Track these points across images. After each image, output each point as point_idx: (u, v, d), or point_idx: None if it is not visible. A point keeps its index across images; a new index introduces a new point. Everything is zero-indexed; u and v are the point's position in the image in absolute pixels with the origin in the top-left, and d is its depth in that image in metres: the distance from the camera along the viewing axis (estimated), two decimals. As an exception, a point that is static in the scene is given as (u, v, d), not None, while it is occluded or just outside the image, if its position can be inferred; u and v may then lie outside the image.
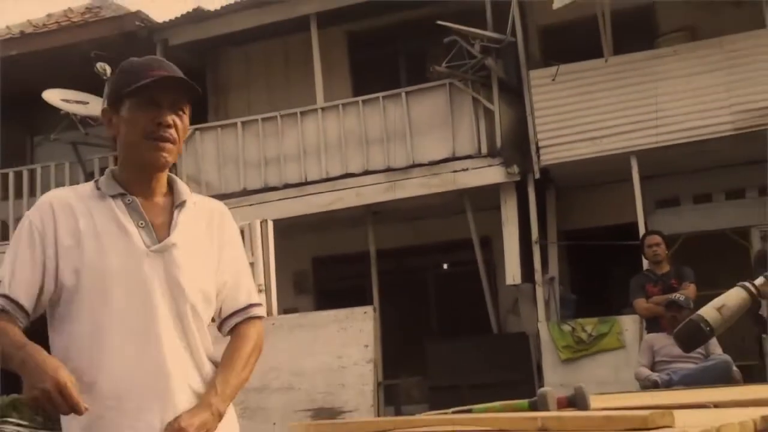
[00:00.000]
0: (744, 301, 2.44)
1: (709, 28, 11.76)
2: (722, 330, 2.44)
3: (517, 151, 11.84)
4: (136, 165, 2.39)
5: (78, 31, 13.68)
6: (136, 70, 2.39)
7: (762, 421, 2.55)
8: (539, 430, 2.19)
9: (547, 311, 11.66)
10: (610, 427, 2.13)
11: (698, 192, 12.25)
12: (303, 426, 2.71)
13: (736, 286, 2.54)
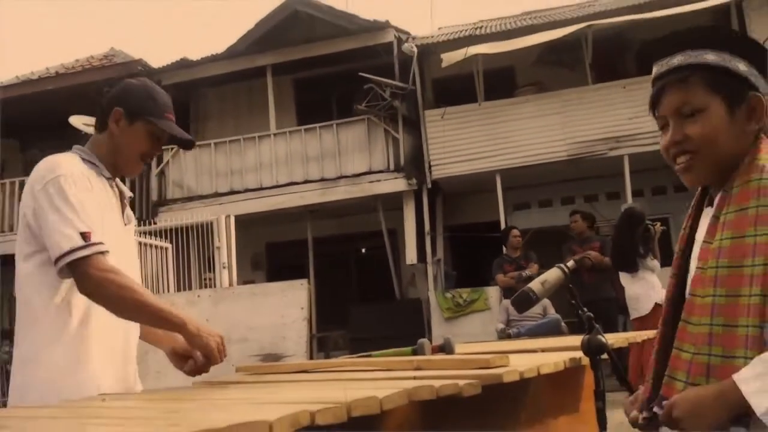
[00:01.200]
0: (560, 278, 2.46)
1: (552, 84, 12.00)
2: (543, 297, 2.46)
3: (415, 168, 11.93)
4: (118, 166, 2.21)
5: (96, 72, 13.45)
6: (160, 105, 2.21)
7: (570, 362, 2.66)
8: (414, 369, 2.17)
9: (435, 283, 11.75)
10: (464, 366, 2.13)
11: (543, 198, 12.47)
12: (245, 367, 2.61)
13: (555, 266, 2.57)
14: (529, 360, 2.52)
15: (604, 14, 11.53)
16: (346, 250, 13.96)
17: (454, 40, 12.11)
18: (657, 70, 1.58)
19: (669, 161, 1.52)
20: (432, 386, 1.64)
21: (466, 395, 1.77)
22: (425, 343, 2.73)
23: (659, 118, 1.53)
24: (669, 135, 1.50)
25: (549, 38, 11.01)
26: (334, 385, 1.94)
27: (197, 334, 1.99)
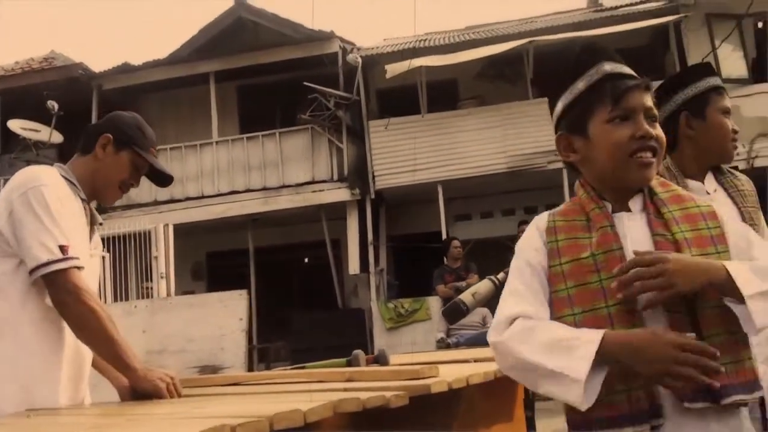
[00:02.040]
0: (491, 290, 2.50)
1: (494, 97, 12.19)
2: (474, 309, 2.49)
3: (359, 178, 11.97)
4: (97, 190, 2.24)
5: (36, 75, 13.15)
6: (148, 138, 2.35)
7: (500, 372, 2.71)
8: (346, 380, 2.20)
9: (377, 293, 11.76)
10: (395, 377, 2.14)
11: (484, 210, 12.62)
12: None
13: (486, 278, 2.60)
14: (461, 370, 2.57)
15: (545, 31, 11.78)
16: (289, 259, 13.88)
17: (399, 51, 12.20)
18: (621, 69, 1.61)
19: (626, 152, 1.51)
20: (358, 398, 1.66)
21: (393, 406, 1.79)
22: (359, 355, 2.74)
23: (623, 109, 1.53)
24: (643, 126, 1.52)
25: (491, 53, 11.19)
26: (263, 398, 1.95)
27: (143, 378, 1.98)
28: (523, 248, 1.58)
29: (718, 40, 11.61)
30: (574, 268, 1.49)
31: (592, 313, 1.44)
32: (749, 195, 2.28)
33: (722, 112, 2.28)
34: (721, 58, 11.64)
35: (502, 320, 1.49)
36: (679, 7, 11.66)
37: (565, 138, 1.61)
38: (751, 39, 12.00)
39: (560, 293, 1.49)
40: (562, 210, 1.61)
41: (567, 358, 1.38)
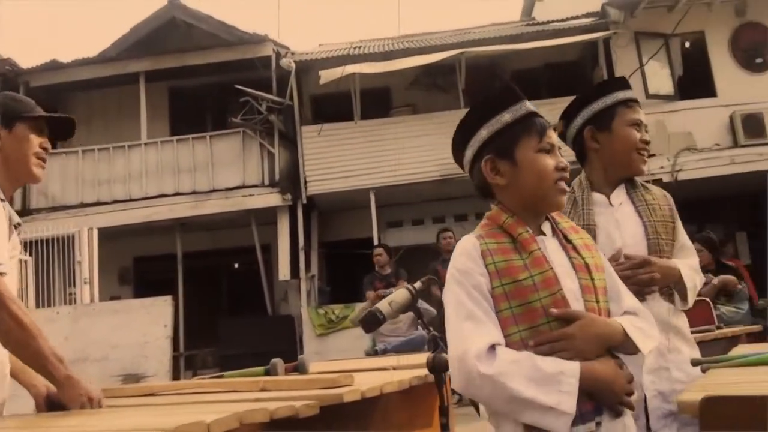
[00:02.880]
0: (408, 299, 2.52)
1: (426, 106, 12.36)
2: (392, 318, 2.50)
3: (290, 183, 11.91)
4: (19, 175, 2.23)
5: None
6: (26, 102, 2.28)
7: (415, 380, 2.76)
8: (261, 390, 2.21)
9: (308, 299, 11.72)
10: (310, 386, 2.18)
11: (415, 217, 12.71)
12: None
13: (403, 287, 2.63)
14: (376, 379, 2.61)
15: (478, 42, 11.99)
16: (218, 264, 13.73)
17: (333, 57, 12.22)
18: (536, 109, 1.82)
19: (552, 179, 1.72)
20: (266, 409, 1.68)
21: (302, 416, 1.82)
22: (278, 363, 2.76)
23: (547, 143, 1.74)
24: (563, 160, 1.75)
25: (425, 62, 11.32)
26: (172, 409, 1.95)
27: (66, 388, 1.97)
28: (467, 272, 1.65)
29: (646, 57, 12.04)
30: (515, 289, 1.62)
31: (535, 329, 1.61)
32: (660, 209, 2.35)
33: (631, 124, 2.34)
34: (648, 75, 12.07)
35: (482, 349, 1.56)
36: (609, 24, 12.03)
37: (492, 161, 1.75)
38: (678, 57, 12.46)
39: (504, 312, 1.62)
40: (486, 233, 1.72)
41: (557, 393, 1.54)
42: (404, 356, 5.10)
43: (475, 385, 1.57)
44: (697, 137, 11.82)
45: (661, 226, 2.32)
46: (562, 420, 1.53)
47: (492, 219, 1.76)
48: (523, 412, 1.56)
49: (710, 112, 11.94)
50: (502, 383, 1.54)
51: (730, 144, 11.80)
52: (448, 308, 1.66)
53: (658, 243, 2.28)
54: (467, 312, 1.61)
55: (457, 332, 1.61)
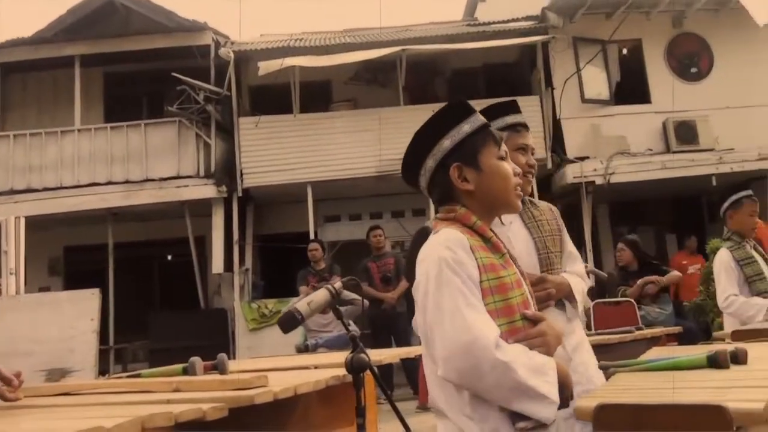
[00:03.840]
0: (327, 299, 2.54)
1: (366, 101, 12.36)
2: (310, 317, 2.51)
3: (226, 175, 11.72)
4: None
5: None
6: None
7: (332, 379, 2.77)
8: (174, 390, 2.20)
9: (241, 293, 11.59)
10: (222, 387, 2.19)
11: (353, 212, 12.70)
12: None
13: (323, 287, 2.65)
14: (295, 378, 2.62)
15: (419, 40, 12.03)
16: (150, 256, 13.49)
17: (273, 49, 12.08)
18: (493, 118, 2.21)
19: (514, 183, 1.92)
20: (171, 412, 1.66)
21: (210, 419, 1.81)
22: (196, 362, 2.74)
23: (504, 151, 1.94)
24: (517, 167, 1.98)
25: (365, 57, 11.32)
26: (77, 412, 1.92)
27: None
28: (463, 262, 1.72)
29: (583, 62, 12.28)
30: (499, 285, 1.75)
31: (512, 324, 1.73)
32: (548, 224, 2.52)
33: (517, 148, 2.53)
34: (585, 80, 12.32)
35: (491, 339, 1.62)
36: (548, 29, 12.22)
37: (458, 168, 1.88)
38: (614, 63, 12.73)
39: (489, 306, 1.72)
40: (462, 231, 1.80)
41: (546, 383, 1.65)
42: (329, 354, 5.13)
43: (482, 372, 1.61)
44: (631, 142, 12.12)
45: (549, 240, 2.49)
46: (551, 408, 1.65)
47: (462, 219, 1.85)
48: (521, 400, 1.63)
49: (644, 118, 12.26)
50: (513, 370, 1.61)
51: (662, 149, 12.12)
52: (443, 295, 1.69)
53: (548, 257, 2.45)
54: (467, 301, 1.67)
55: (460, 320, 1.64)
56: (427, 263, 1.74)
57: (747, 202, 4.46)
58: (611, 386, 1.78)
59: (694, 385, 1.72)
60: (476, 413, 1.67)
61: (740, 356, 2.02)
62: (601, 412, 1.34)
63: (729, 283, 4.25)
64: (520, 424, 1.64)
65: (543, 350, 1.72)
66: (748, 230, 4.44)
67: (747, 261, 4.28)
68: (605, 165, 11.59)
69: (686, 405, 1.32)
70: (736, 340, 3.25)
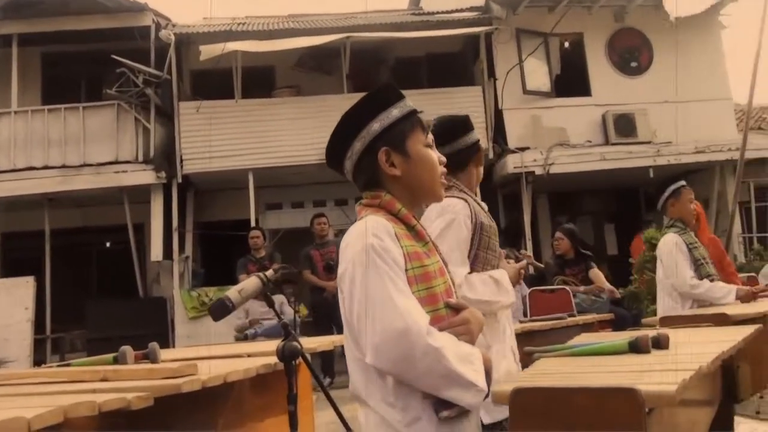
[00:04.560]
0: (258, 287, 2.54)
1: (310, 88, 12.28)
2: (241, 305, 2.50)
3: (166, 161, 11.51)
4: None
5: None
6: None
7: (263, 368, 2.77)
8: (101, 380, 2.18)
9: (181, 281, 11.43)
10: (151, 376, 2.19)
11: (295, 200, 12.64)
12: None
13: (254, 275, 2.64)
14: (230, 366, 2.62)
15: (363, 28, 11.99)
16: (88, 243, 13.20)
17: (215, 33, 11.89)
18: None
19: (439, 172, 1.92)
20: (94, 401, 1.65)
21: (135, 408, 1.79)
22: (127, 351, 2.72)
23: (431, 139, 1.94)
24: (442, 156, 1.96)
25: (309, 44, 11.24)
26: (2, 402, 1.87)
27: None
28: (390, 250, 1.71)
29: (525, 54, 12.44)
30: (423, 274, 1.75)
31: (436, 312, 1.72)
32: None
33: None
34: (527, 71, 12.48)
35: (423, 325, 1.62)
36: (491, 20, 12.31)
37: (387, 153, 1.86)
38: (556, 56, 12.92)
39: (414, 294, 1.71)
40: (387, 219, 1.79)
41: (473, 371, 1.66)
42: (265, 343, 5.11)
43: (414, 359, 1.60)
44: (571, 133, 12.34)
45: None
46: (479, 396, 1.66)
47: (386, 206, 1.83)
48: (450, 387, 1.63)
49: (584, 111, 12.50)
50: (444, 357, 1.60)
51: (601, 141, 12.38)
52: (372, 282, 1.66)
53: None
54: (398, 288, 1.66)
55: (391, 307, 1.62)
56: (354, 250, 1.71)
57: (684, 190, 4.59)
58: (532, 371, 1.82)
59: (614, 369, 1.78)
60: (399, 401, 1.66)
61: (662, 341, 2.09)
62: (517, 395, 1.37)
63: (686, 265, 4.33)
64: (444, 412, 1.65)
65: (466, 338, 1.73)
66: (689, 216, 4.57)
67: (694, 245, 4.40)
68: (545, 156, 11.78)
69: (600, 388, 1.36)
70: (663, 326, 3.35)
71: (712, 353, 1.89)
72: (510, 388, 1.39)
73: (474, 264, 2.49)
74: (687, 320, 3.36)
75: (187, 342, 10.33)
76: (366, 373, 1.70)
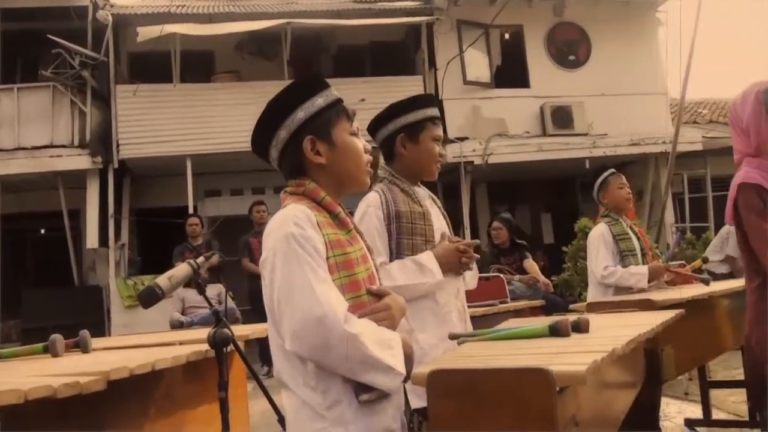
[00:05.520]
0: (188, 273, 2.53)
1: (250, 74, 12.17)
2: (171, 292, 2.49)
3: (102, 146, 11.26)
4: None
5: None
6: None
7: (193, 355, 2.77)
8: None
9: (117, 270, 11.23)
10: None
11: (234, 187, 12.54)
12: None
13: (185, 262, 2.62)
14: (153, 355, 2.60)
15: (305, 14, 11.94)
16: (22, 230, 12.82)
17: (154, 14, 11.67)
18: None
19: (365, 161, 1.96)
20: (20, 390, 1.63)
21: (62, 396, 1.78)
22: (57, 340, 2.73)
23: (356, 128, 1.97)
24: (368, 144, 1.99)
25: (249, 28, 11.14)
26: None
27: None
28: (310, 238, 1.73)
29: (466, 44, 12.56)
30: (345, 261, 1.78)
31: (358, 299, 1.77)
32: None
33: (433, 139, 2.81)
34: (467, 62, 12.60)
35: (340, 312, 1.65)
36: (433, 10, 12.41)
37: (312, 141, 1.88)
38: (496, 48, 13.07)
39: (335, 282, 1.74)
40: (309, 207, 1.81)
41: (392, 356, 1.70)
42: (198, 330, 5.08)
43: (331, 345, 1.62)
44: (510, 124, 12.53)
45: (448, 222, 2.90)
46: (397, 380, 1.71)
47: (311, 194, 1.86)
48: (368, 371, 1.67)
49: (523, 102, 12.70)
50: (362, 343, 1.64)
51: (539, 132, 12.60)
52: (292, 270, 1.68)
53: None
54: (317, 275, 1.68)
55: (310, 294, 1.64)
56: (275, 238, 1.74)
57: (612, 178, 4.66)
58: (454, 354, 1.88)
59: (532, 351, 1.84)
60: (320, 385, 1.70)
61: (582, 325, 2.17)
62: (434, 377, 1.42)
63: (607, 254, 4.44)
64: (363, 395, 1.69)
65: (387, 323, 1.77)
66: (623, 203, 4.63)
67: (622, 236, 4.50)
68: (484, 146, 11.93)
69: (513, 369, 1.42)
70: (590, 312, 3.46)
71: (627, 336, 1.97)
72: (428, 370, 1.44)
73: (400, 251, 2.56)
74: (613, 306, 3.47)
75: (124, 331, 10.17)
76: (288, 359, 1.73)
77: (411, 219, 2.62)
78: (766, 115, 2.69)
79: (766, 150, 2.71)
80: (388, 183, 2.72)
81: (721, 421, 4.97)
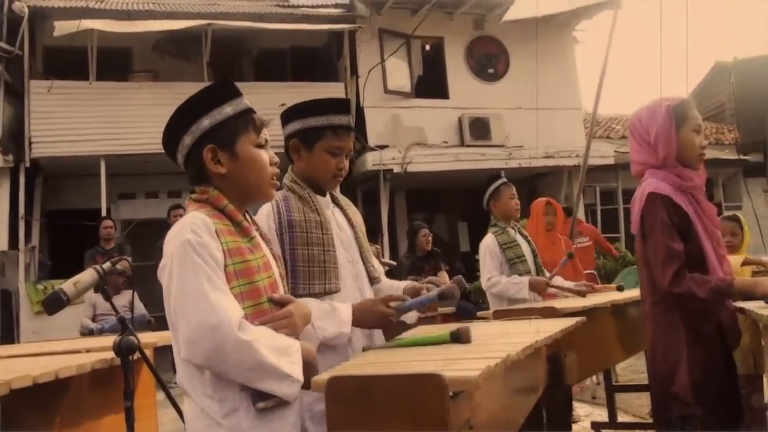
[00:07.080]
0: (95, 279, 2.48)
1: (169, 74, 12.00)
2: (76, 298, 2.44)
3: (13, 143, 10.91)
4: None
5: None
6: None
7: (99, 363, 2.74)
8: None
9: (27, 273, 10.87)
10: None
11: (149, 190, 12.32)
12: None
13: (91, 267, 2.58)
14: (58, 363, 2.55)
15: (226, 16, 11.85)
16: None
17: (72, 8, 11.35)
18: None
19: (269, 173, 1.92)
20: None
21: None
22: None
23: (263, 139, 1.93)
24: (275, 156, 1.95)
25: (169, 27, 10.99)
26: None
27: None
28: (207, 245, 1.71)
29: (388, 53, 12.70)
30: (244, 269, 1.77)
31: (258, 306, 1.77)
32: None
33: (329, 151, 2.48)
34: (388, 71, 12.75)
35: (234, 319, 1.64)
36: (356, 18, 12.50)
37: (213, 150, 1.85)
38: (417, 58, 13.29)
39: (234, 290, 1.73)
40: (210, 214, 1.80)
41: (290, 363, 1.71)
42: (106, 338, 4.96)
43: (225, 353, 1.62)
44: (428, 134, 12.73)
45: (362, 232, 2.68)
46: (294, 387, 1.72)
47: (213, 202, 1.84)
48: (264, 379, 1.67)
49: (442, 113, 12.93)
50: (256, 350, 1.64)
51: (457, 143, 12.85)
52: (188, 278, 1.67)
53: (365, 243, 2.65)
54: (212, 284, 1.67)
55: (204, 302, 1.63)
56: (172, 246, 1.72)
57: (504, 188, 4.80)
58: (356, 361, 1.92)
59: (432, 357, 1.90)
60: (216, 393, 1.71)
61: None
62: (332, 383, 1.47)
63: (492, 265, 4.59)
64: (260, 403, 1.70)
65: (288, 331, 1.78)
66: (512, 212, 4.78)
67: (509, 245, 4.63)
68: (403, 154, 12.07)
69: (407, 375, 1.47)
70: (496, 318, 3.56)
71: (523, 343, 2.05)
72: (327, 377, 1.49)
73: (294, 261, 2.35)
74: (519, 313, 3.57)
75: (33, 338, 9.85)
76: (187, 366, 1.73)
77: (306, 228, 2.42)
78: (676, 129, 2.77)
79: (672, 162, 2.76)
80: (285, 190, 2.52)
81: (627, 424, 5.17)
